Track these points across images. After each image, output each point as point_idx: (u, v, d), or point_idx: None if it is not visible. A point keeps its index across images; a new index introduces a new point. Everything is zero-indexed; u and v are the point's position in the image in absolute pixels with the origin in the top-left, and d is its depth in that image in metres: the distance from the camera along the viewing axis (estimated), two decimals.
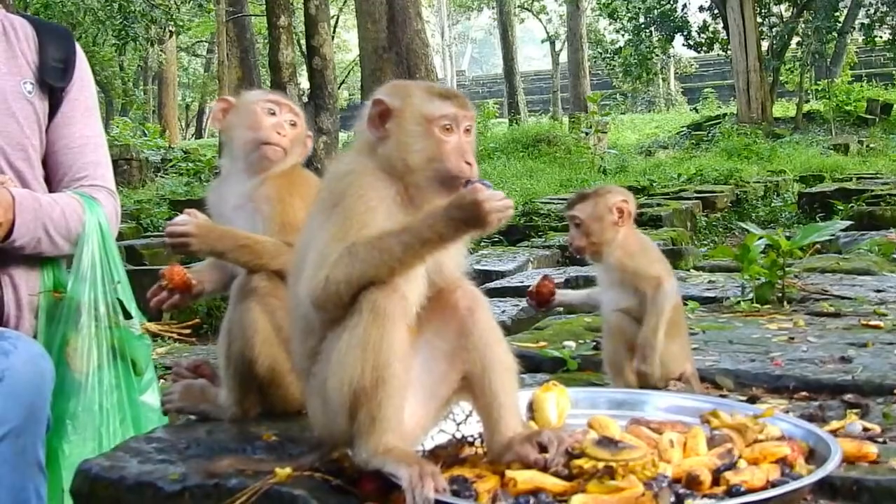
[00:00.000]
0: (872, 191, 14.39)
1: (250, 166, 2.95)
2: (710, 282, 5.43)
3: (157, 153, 27.48)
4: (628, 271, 3.10)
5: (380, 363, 2.12)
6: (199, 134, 52.80)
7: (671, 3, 39.25)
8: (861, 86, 35.90)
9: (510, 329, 4.92)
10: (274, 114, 2.98)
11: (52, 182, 3.59)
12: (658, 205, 14.69)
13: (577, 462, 2.15)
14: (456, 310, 2.31)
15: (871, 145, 28.86)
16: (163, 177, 24.79)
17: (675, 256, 8.51)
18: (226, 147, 3.10)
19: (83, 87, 3.69)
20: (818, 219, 13.52)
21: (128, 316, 3.46)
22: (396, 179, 2.29)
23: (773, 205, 17.28)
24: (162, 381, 5.67)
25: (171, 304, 3.07)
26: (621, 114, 44.11)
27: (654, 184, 19.76)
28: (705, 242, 13.78)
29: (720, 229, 15.41)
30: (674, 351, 3.12)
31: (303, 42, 19.61)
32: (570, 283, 5.54)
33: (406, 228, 2.17)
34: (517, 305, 6.63)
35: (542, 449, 2.20)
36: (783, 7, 37.14)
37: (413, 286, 2.25)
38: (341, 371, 2.14)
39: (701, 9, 39.07)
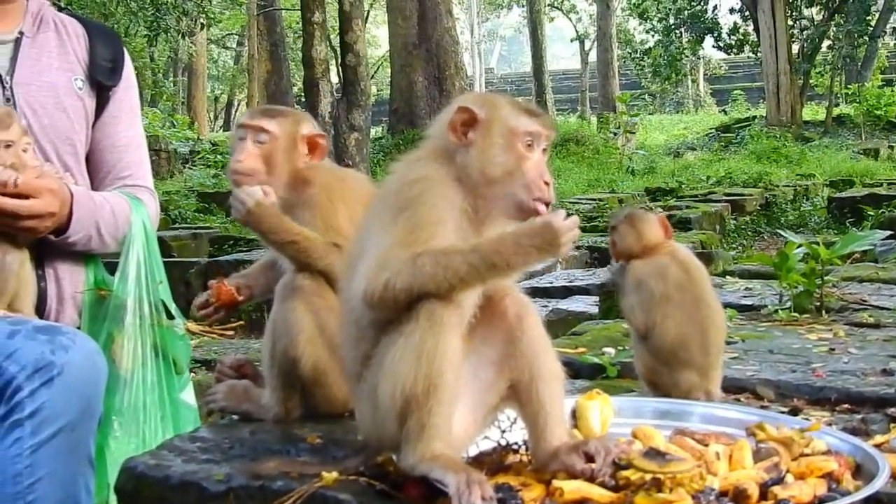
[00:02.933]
0: None
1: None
2: (746, 289, 5.39)
3: (185, 144, 27.57)
4: None
5: (433, 371, 2.11)
6: (227, 126, 52.82)
7: (702, 4, 39.12)
8: (892, 90, 35.63)
9: None
10: (243, 139, 2.93)
11: (95, 179, 3.66)
12: (687, 207, 14.65)
13: (625, 473, 2.14)
14: (505, 317, 2.31)
15: None
16: (191, 168, 24.88)
17: (705, 260, 8.43)
18: None
19: (128, 87, 3.77)
20: (848, 224, 13.50)
21: (170, 316, 3.50)
22: (469, 190, 2.28)
23: (802, 209, 17.17)
24: (193, 373, 5.72)
25: (216, 319, 3.11)
26: (649, 114, 43.97)
27: (683, 186, 19.71)
28: (734, 246, 13.73)
29: (749, 233, 15.34)
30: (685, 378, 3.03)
31: (333, 37, 19.62)
32: (606, 287, 5.50)
33: (474, 249, 2.16)
34: (546, 306, 6.64)
35: (589, 459, 2.18)
36: (814, 10, 36.94)
37: (468, 295, 2.25)
38: (394, 377, 2.14)
39: (731, 11, 39.00)
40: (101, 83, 3.65)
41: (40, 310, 3.37)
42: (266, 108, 3.07)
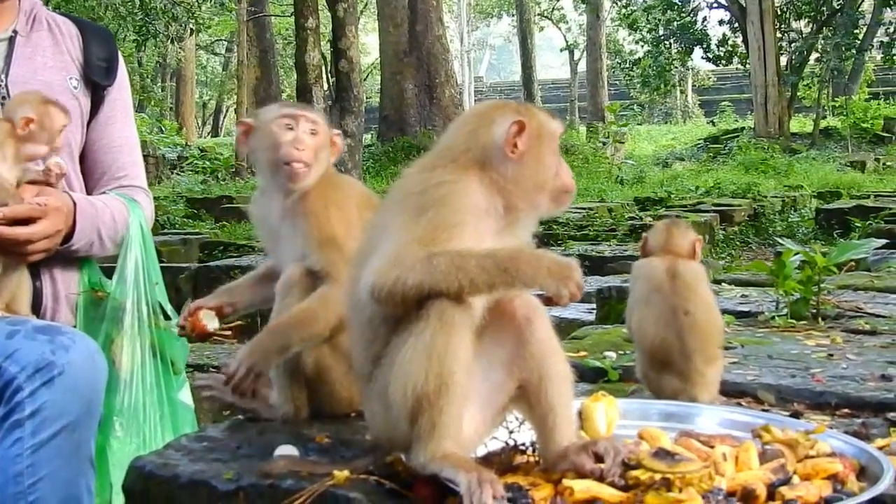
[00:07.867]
0: (891, 209, 14.39)
1: (280, 185, 2.85)
2: (742, 296, 5.42)
3: (173, 150, 27.63)
4: None
5: (444, 370, 2.12)
6: (215, 132, 52.85)
7: (691, 15, 39.26)
8: (878, 103, 35.91)
9: None
10: (292, 128, 2.84)
11: (91, 179, 3.66)
12: (677, 216, 14.68)
13: (634, 473, 2.14)
14: (514, 318, 2.31)
15: (888, 163, 28.81)
16: (179, 174, 24.89)
17: None
18: (256, 166, 3.01)
19: (122, 87, 3.77)
20: (836, 235, 13.55)
21: (166, 317, 3.51)
22: (505, 197, 2.31)
23: (790, 220, 17.26)
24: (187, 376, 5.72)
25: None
26: (638, 124, 44.06)
27: (672, 196, 19.80)
28: (723, 256, 13.78)
29: (738, 243, 15.42)
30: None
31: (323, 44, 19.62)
32: (602, 294, 5.49)
33: (490, 254, 2.18)
34: None
35: (598, 459, 2.19)
36: (803, 23, 37.14)
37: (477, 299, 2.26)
38: (405, 376, 2.14)
39: (721, 22, 39.12)
40: (97, 83, 3.65)
41: (36, 309, 3.37)
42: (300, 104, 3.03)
